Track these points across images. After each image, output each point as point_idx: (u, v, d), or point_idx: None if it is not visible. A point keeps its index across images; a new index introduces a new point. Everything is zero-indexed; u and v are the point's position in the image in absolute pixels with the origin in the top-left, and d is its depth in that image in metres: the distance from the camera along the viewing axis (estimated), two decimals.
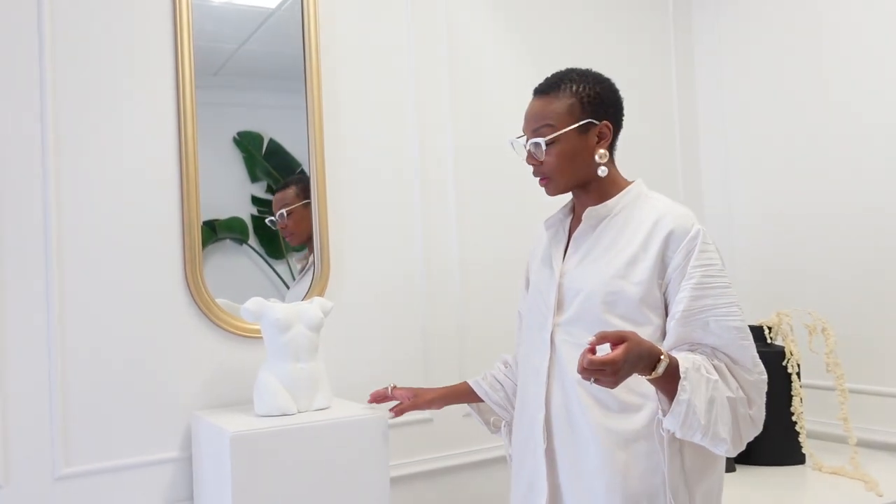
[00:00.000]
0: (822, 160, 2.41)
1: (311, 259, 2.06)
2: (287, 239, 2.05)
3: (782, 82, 2.52)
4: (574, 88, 1.44)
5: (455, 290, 2.24)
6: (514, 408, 1.65)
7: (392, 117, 2.19)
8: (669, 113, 2.74)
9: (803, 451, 2.09)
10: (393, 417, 1.73)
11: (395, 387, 1.76)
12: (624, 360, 1.16)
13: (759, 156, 2.61)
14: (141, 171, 1.84)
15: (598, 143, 1.44)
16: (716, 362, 1.32)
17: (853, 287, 2.32)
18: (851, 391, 2.14)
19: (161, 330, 1.84)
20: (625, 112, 1.51)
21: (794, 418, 2.07)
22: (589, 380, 1.18)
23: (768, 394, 2.04)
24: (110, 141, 1.81)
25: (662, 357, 1.22)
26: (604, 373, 1.16)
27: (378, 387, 1.80)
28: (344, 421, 1.70)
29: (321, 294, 2.00)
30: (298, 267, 2.08)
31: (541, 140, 1.43)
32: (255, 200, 2.03)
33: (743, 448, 1.32)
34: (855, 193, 2.32)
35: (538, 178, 1.48)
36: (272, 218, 2.03)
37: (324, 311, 1.82)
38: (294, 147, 2.06)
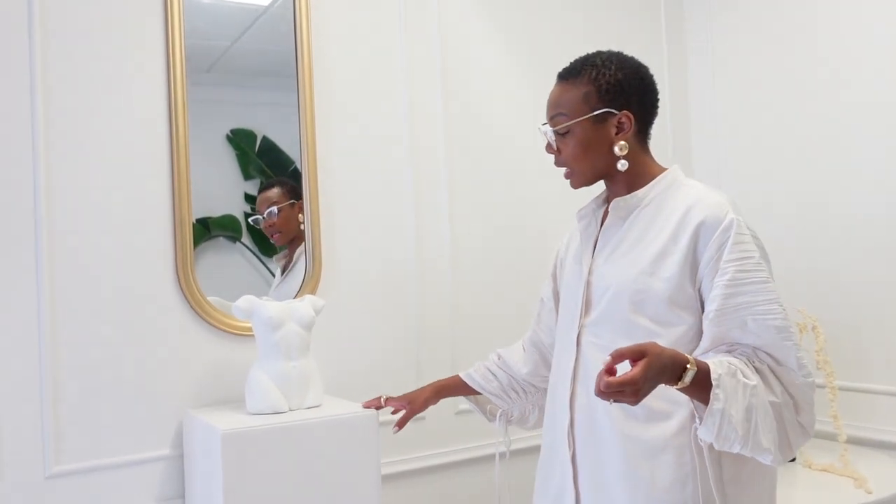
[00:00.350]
0: (813, 160, 2.42)
1: (293, 258, 2.06)
2: (273, 238, 2.04)
3: (774, 82, 2.53)
4: (593, 75, 1.34)
5: (448, 288, 2.24)
6: (510, 397, 1.65)
7: (384, 115, 2.19)
8: (661, 112, 2.73)
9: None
10: (397, 432, 1.71)
11: (387, 398, 1.74)
12: (644, 378, 1.07)
13: (750, 155, 2.62)
14: (132, 168, 1.83)
15: (617, 134, 1.34)
16: (757, 364, 1.21)
17: (843, 285, 2.33)
18: (841, 389, 2.15)
19: (152, 328, 1.83)
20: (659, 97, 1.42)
21: None
22: (609, 401, 1.09)
23: None
24: (101, 138, 1.80)
25: (689, 365, 1.12)
26: (623, 394, 1.07)
27: (369, 386, 1.81)
28: (335, 419, 1.71)
29: (313, 292, 2.00)
30: (279, 266, 2.07)
31: (554, 129, 1.37)
32: (249, 198, 2.03)
33: (794, 456, 1.22)
34: (846, 192, 2.33)
35: (565, 171, 1.40)
36: (257, 217, 2.02)
37: (315, 309, 1.82)
38: (287, 145, 2.06)
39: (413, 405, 1.72)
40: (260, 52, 2.06)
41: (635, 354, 1.09)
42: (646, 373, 1.07)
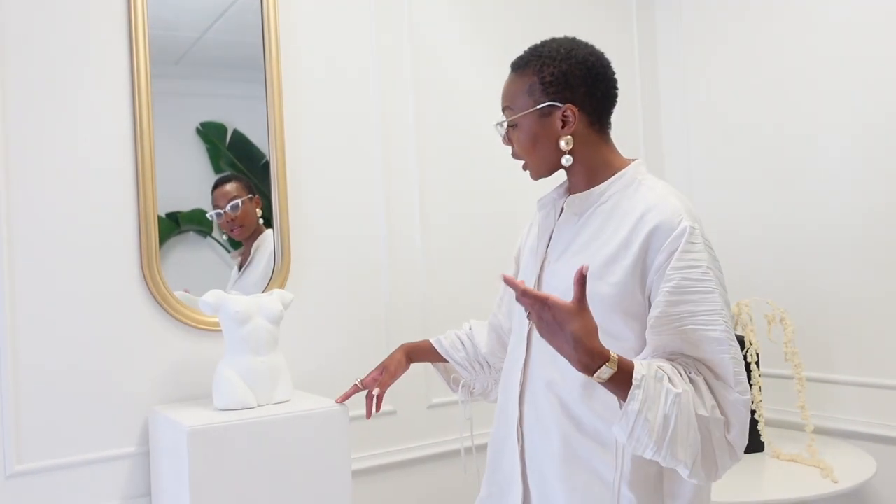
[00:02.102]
0: (782, 153, 2.45)
1: (250, 253, 2.03)
2: (233, 233, 2.01)
3: (745, 76, 2.55)
4: (538, 66, 1.30)
5: (419, 281, 2.24)
6: (474, 369, 1.64)
7: (353, 106, 2.17)
8: (633, 106, 2.76)
9: (762, 438, 2.13)
10: (378, 411, 1.66)
11: (361, 380, 1.70)
12: (551, 306, 1.05)
13: (720, 149, 2.64)
14: (94, 162, 1.80)
15: (563, 127, 1.29)
16: (693, 375, 1.16)
17: (811, 277, 2.36)
18: (809, 380, 2.18)
19: (117, 323, 1.80)
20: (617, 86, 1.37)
21: (752, 406, 2.09)
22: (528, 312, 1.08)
23: None
24: (62, 131, 1.76)
25: (609, 363, 1.07)
26: (541, 310, 1.06)
27: (339, 380, 1.78)
28: (304, 414, 1.69)
29: (282, 286, 1.98)
30: (236, 263, 2.04)
31: (502, 122, 1.35)
32: None
33: (719, 478, 1.16)
34: (813, 186, 2.36)
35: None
36: (216, 211, 1.98)
37: (284, 303, 1.80)
38: (259, 138, 2.03)
39: (388, 371, 1.66)
40: (230, 43, 2.03)
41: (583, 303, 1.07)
42: (552, 308, 1.05)
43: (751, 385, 2.09)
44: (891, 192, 2.18)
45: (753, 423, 2.10)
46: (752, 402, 2.09)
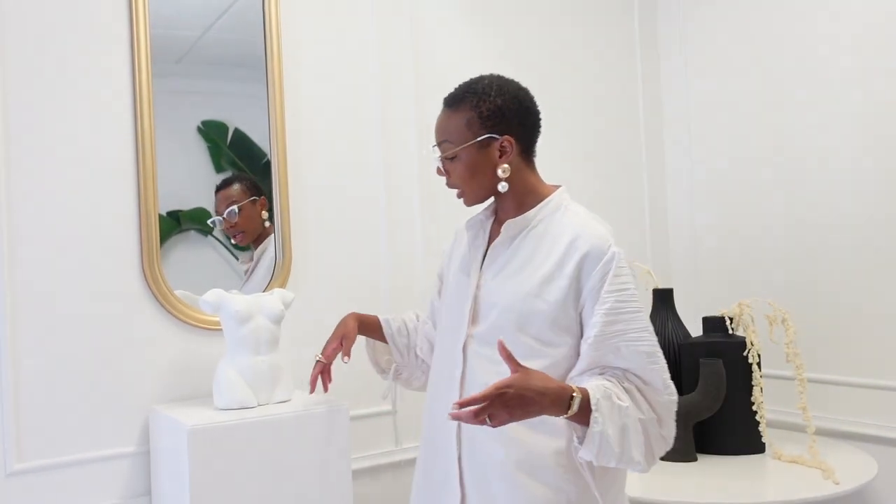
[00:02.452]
0: (783, 153, 2.44)
1: (255, 259, 2.02)
2: (235, 239, 2.00)
3: (748, 74, 2.54)
4: (475, 102, 1.42)
5: (419, 282, 2.23)
6: (408, 357, 1.68)
7: (355, 106, 2.17)
8: (634, 104, 2.75)
9: (763, 440, 2.12)
10: (348, 361, 1.65)
11: (323, 355, 1.63)
12: (508, 386, 1.17)
13: (722, 149, 2.63)
14: (96, 161, 1.80)
15: (500, 157, 1.41)
16: (626, 385, 1.32)
17: (813, 279, 2.36)
18: (810, 381, 2.17)
19: (117, 322, 1.80)
20: (541, 118, 1.47)
21: (754, 408, 2.09)
22: (482, 421, 1.17)
23: (729, 383, 2.09)
24: (63, 130, 1.76)
25: (574, 394, 1.22)
26: (491, 406, 1.16)
27: (339, 380, 1.77)
28: (305, 414, 1.69)
29: (283, 285, 1.98)
30: (244, 269, 2.03)
31: (442, 155, 1.44)
32: None
33: (655, 463, 1.34)
34: (815, 186, 2.35)
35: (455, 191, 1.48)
36: (217, 218, 1.97)
37: (285, 302, 1.80)
38: (259, 137, 2.03)
39: (348, 339, 1.64)
40: (231, 42, 2.03)
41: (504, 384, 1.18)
42: (509, 387, 1.18)
43: (752, 386, 2.10)
44: (893, 192, 2.17)
45: (755, 424, 2.09)
46: (754, 404, 2.09)
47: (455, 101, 1.44)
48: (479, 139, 1.40)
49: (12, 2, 1.71)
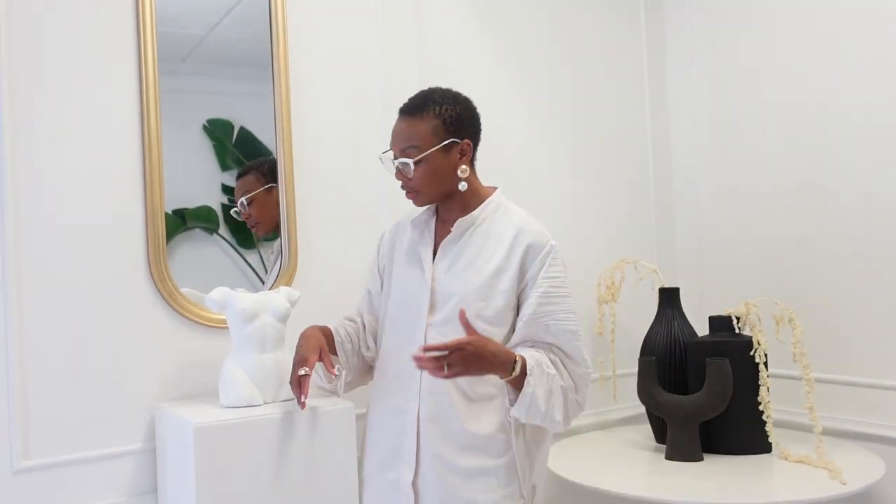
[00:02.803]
0: (790, 154, 2.43)
1: (278, 252, 2.02)
2: (253, 230, 2.01)
3: (755, 74, 2.54)
4: (438, 110, 1.60)
5: None
6: (352, 362, 1.75)
7: (360, 104, 2.16)
8: (640, 104, 2.75)
9: (770, 439, 2.11)
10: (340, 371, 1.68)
11: (308, 369, 1.61)
12: (468, 343, 1.42)
13: (728, 148, 2.63)
14: (103, 159, 1.80)
15: (460, 159, 1.61)
16: (552, 356, 1.58)
17: (820, 278, 2.35)
18: (817, 381, 2.16)
19: (124, 320, 1.80)
20: (483, 127, 1.69)
21: (760, 407, 2.08)
22: (440, 368, 1.40)
23: (736, 382, 2.09)
24: (70, 129, 1.76)
25: (517, 360, 1.49)
26: (451, 356, 1.39)
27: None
28: (311, 412, 1.68)
29: (289, 283, 1.98)
30: (272, 259, 2.04)
31: (409, 160, 1.59)
32: (226, 189, 2.00)
33: (570, 425, 1.62)
34: (823, 185, 2.34)
35: (407, 192, 1.64)
36: (236, 209, 1.98)
37: (290, 300, 1.80)
38: (265, 135, 2.03)
39: (324, 350, 1.64)
40: (237, 40, 2.03)
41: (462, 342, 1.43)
42: (470, 341, 1.43)
43: (758, 386, 2.10)
44: None
45: (761, 424, 2.09)
46: (761, 404, 2.09)
47: (417, 110, 1.61)
48: (443, 144, 1.59)
49: (20, 2, 1.71)
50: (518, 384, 1.50)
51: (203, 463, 1.54)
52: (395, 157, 1.63)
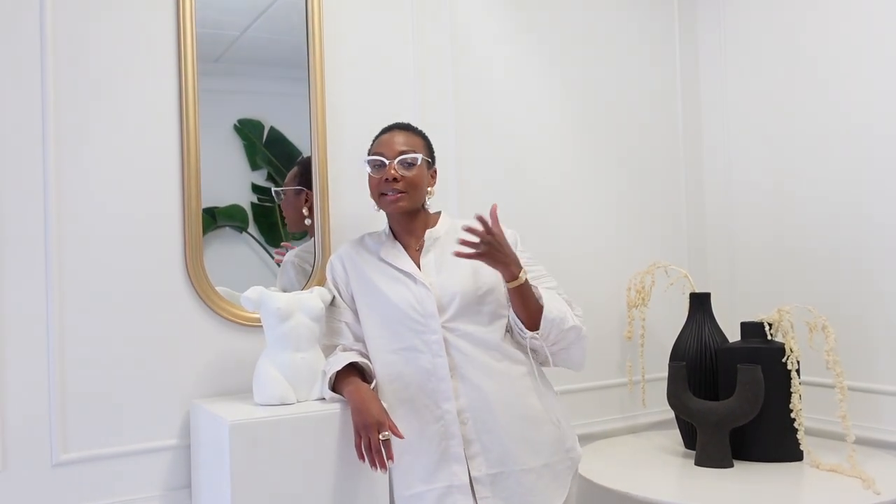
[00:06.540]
0: (824, 159, 2.41)
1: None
2: (284, 220, 2.04)
3: (788, 76, 2.51)
4: (422, 136, 1.82)
5: None
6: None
7: (395, 107, 2.17)
8: (673, 105, 2.73)
9: (801, 447, 2.09)
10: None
11: (387, 433, 1.60)
12: (500, 231, 1.63)
13: (761, 154, 2.60)
14: (142, 158, 1.83)
15: (431, 179, 1.82)
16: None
17: (854, 285, 2.32)
18: (850, 389, 2.14)
19: (161, 317, 1.83)
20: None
21: (792, 415, 2.07)
22: (478, 248, 1.61)
23: (767, 389, 2.07)
24: (111, 129, 1.80)
25: (522, 271, 1.68)
26: (488, 234, 1.60)
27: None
28: (344, 410, 1.70)
29: (321, 283, 1.99)
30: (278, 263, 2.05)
31: (417, 155, 1.75)
32: (256, 188, 2.02)
33: (583, 334, 1.80)
34: (856, 191, 2.32)
35: (393, 194, 1.74)
36: (277, 189, 2.04)
37: (324, 300, 1.81)
38: (295, 135, 2.05)
39: (388, 414, 1.64)
40: (270, 41, 2.05)
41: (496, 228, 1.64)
42: (500, 233, 1.64)
43: (790, 393, 2.08)
44: None
45: (793, 432, 2.07)
46: (792, 411, 2.07)
47: (410, 128, 1.82)
48: (429, 160, 1.81)
49: (62, 4, 1.75)
50: (522, 297, 1.69)
51: (238, 459, 1.56)
52: (395, 160, 1.75)
